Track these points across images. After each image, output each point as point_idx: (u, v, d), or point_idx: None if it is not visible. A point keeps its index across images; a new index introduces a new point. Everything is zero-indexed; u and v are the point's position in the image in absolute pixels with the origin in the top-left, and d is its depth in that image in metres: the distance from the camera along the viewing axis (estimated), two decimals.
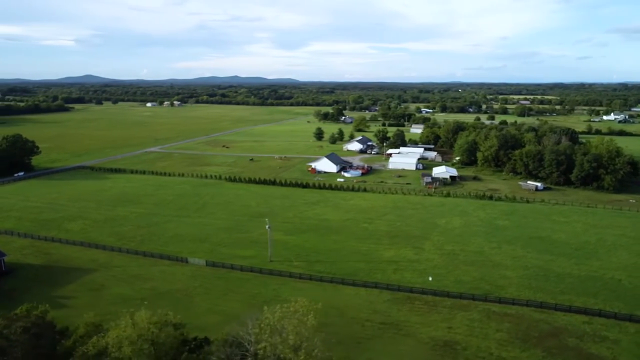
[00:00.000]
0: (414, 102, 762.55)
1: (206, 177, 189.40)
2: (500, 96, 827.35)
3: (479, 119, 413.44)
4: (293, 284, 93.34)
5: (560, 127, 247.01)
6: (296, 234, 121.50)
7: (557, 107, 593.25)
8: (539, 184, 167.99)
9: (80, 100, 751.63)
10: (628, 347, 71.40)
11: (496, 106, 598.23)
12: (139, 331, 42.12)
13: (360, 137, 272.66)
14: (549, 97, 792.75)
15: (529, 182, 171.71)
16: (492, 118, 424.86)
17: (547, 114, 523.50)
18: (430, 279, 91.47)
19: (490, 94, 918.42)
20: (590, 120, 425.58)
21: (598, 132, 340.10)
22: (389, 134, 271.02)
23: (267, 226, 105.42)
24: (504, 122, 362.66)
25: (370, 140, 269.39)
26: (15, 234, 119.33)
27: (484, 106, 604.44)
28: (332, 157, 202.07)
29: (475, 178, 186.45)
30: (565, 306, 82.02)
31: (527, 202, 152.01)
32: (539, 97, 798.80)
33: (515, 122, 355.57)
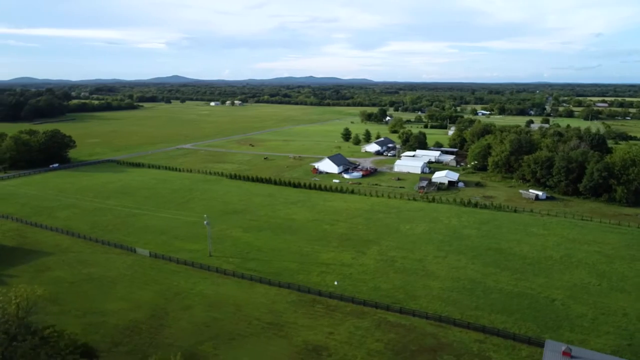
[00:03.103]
0: (477, 103, 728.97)
1: (210, 173, 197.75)
2: (576, 98, 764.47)
3: (531, 122, 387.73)
4: (214, 279, 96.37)
5: (589, 132, 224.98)
6: (253, 232, 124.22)
7: (632, 110, 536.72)
8: (540, 193, 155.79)
9: (152, 99, 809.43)
10: None
11: (561, 109, 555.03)
12: None
13: (382, 139, 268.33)
14: (632, 100, 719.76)
15: (530, 190, 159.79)
16: (547, 121, 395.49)
17: (619, 118, 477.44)
18: (336, 283, 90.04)
19: (567, 96, 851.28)
20: None
21: None
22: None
23: (205, 222, 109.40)
24: (555, 126, 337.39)
25: (392, 142, 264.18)
26: (10, 218, 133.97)
27: (548, 109, 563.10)
28: (335, 158, 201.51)
29: (477, 184, 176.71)
30: (464, 322, 77.23)
31: (515, 211, 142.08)
32: (619, 99, 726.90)
33: (568, 125, 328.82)
